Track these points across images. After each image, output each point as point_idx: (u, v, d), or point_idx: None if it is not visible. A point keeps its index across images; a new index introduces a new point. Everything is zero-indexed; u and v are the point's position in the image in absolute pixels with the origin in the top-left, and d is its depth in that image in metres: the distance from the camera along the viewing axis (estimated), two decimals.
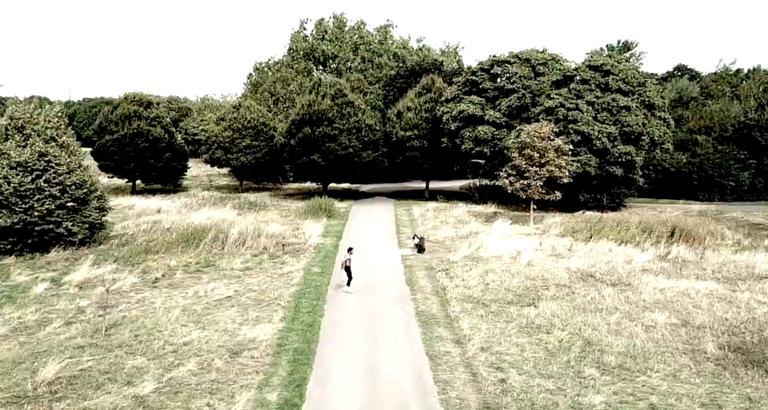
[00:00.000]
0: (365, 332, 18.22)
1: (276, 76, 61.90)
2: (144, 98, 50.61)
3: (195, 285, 23.26)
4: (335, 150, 44.98)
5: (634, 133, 36.65)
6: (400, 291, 22.61)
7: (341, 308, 20.70)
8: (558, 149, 33.56)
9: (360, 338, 17.71)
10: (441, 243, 31.33)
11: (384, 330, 18.31)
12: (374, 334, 17.99)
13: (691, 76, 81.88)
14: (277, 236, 31.62)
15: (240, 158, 50.89)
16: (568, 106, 36.50)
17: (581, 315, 18.93)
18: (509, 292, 21.75)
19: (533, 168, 33.47)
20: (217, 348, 16.75)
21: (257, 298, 21.67)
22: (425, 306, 20.73)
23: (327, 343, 17.29)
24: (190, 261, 26.91)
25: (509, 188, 34.55)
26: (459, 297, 21.23)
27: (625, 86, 37.57)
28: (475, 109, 40.94)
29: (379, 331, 18.26)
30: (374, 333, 18.13)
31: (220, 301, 21.30)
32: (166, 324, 18.57)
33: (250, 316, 19.57)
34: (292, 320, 19.34)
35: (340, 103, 45.84)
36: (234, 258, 27.47)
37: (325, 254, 29.08)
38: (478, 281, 23.05)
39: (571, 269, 24.22)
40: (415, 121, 45.89)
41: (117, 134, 47.94)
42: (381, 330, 18.32)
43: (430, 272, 25.49)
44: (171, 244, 28.97)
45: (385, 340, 17.47)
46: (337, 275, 24.85)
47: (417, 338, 17.65)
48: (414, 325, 18.78)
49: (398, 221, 38.57)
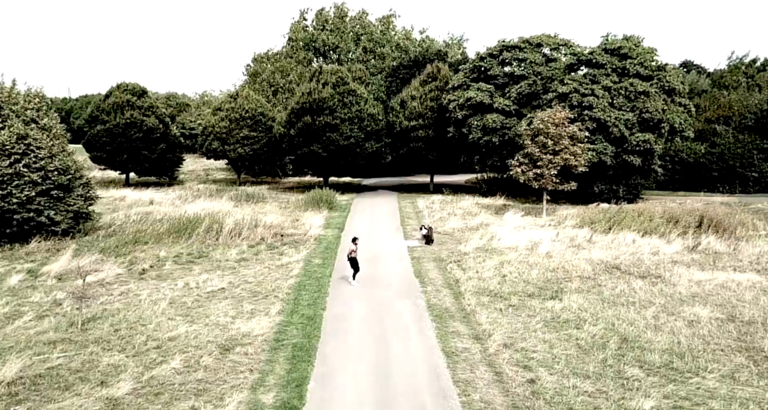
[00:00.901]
0: (373, 326, 16.36)
1: (275, 66, 59.94)
2: (137, 87, 48.67)
3: (185, 277, 21.43)
4: (336, 140, 43.10)
5: (653, 120, 34.73)
6: (409, 284, 20.77)
7: (345, 301, 18.85)
8: (573, 136, 31.68)
9: (367, 333, 15.85)
10: (450, 235, 29.48)
11: (393, 325, 16.45)
12: (383, 329, 16.13)
13: (698, 71, 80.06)
14: (275, 226, 29.76)
15: (237, 149, 48.96)
16: (583, 91, 34.62)
17: (612, 309, 17.07)
18: (529, 284, 19.91)
19: (547, 156, 31.59)
20: (206, 343, 14.90)
21: (253, 290, 19.84)
22: (437, 299, 18.88)
23: (330, 338, 15.43)
24: (181, 252, 25.07)
25: (521, 177, 32.68)
26: (474, 290, 19.39)
27: (644, 71, 35.67)
28: (483, 96, 39.04)
29: (388, 326, 16.40)
30: (383, 327, 16.27)
31: (213, 293, 19.47)
32: (150, 318, 16.71)
33: (244, 309, 17.74)
34: (291, 313, 17.50)
35: (341, 91, 43.96)
36: (229, 249, 25.64)
37: (327, 245, 27.23)
38: (494, 273, 21.21)
39: (594, 261, 22.36)
40: (419, 110, 43.99)
41: (109, 123, 46.00)
42: (390, 325, 16.46)
43: (440, 263, 23.64)
44: (161, 235, 27.13)
45: (395, 335, 15.61)
46: (339, 267, 23.02)
47: (430, 333, 15.79)
48: (426, 319, 16.93)
49: (403, 213, 36.71)
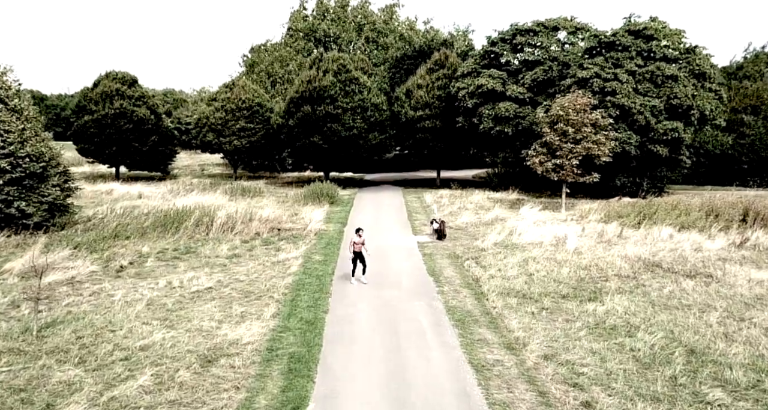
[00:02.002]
0: (384, 333, 13.84)
1: (274, 55, 57.32)
2: (127, 76, 46.08)
3: (168, 275, 18.93)
4: (338, 131, 40.56)
5: (682, 106, 32.16)
6: (422, 283, 18.26)
7: (350, 302, 16.33)
8: (596, 123, 29.15)
9: (377, 340, 13.34)
10: (463, 230, 26.97)
11: (408, 331, 13.93)
12: (396, 336, 13.62)
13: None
14: (272, 220, 27.24)
15: (233, 141, 46.39)
16: (604, 76, 32.07)
17: (665, 313, 14.55)
18: (561, 284, 17.40)
19: (567, 145, 29.06)
20: (185, 353, 12.38)
21: (245, 290, 17.34)
22: (457, 301, 16.36)
23: (333, 347, 12.92)
24: (166, 248, 22.55)
25: (538, 168, 30.15)
26: (498, 290, 16.87)
27: (672, 53, 33.14)
28: (495, 83, 36.50)
29: (402, 332, 13.88)
30: (395, 333, 13.75)
31: (198, 293, 16.96)
32: (122, 322, 14.19)
33: (233, 312, 15.23)
34: (287, 316, 14.99)
35: (343, 79, 41.41)
36: (220, 244, 23.13)
37: (328, 241, 24.72)
38: (519, 271, 18.70)
39: (630, 258, 19.84)
40: (426, 99, 41.43)
41: (97, 113, 43.39)
42: (404, 331, 13.94)
43: (455, 260, 21.12)
44: (146, 229, 24.58)
45: (411, 344, 13.09)
46: (343, 264, 20.51)
47: (453, 341, 13.28)
48: (446, 324, 14.41)
49: (409, 208, 34.20)
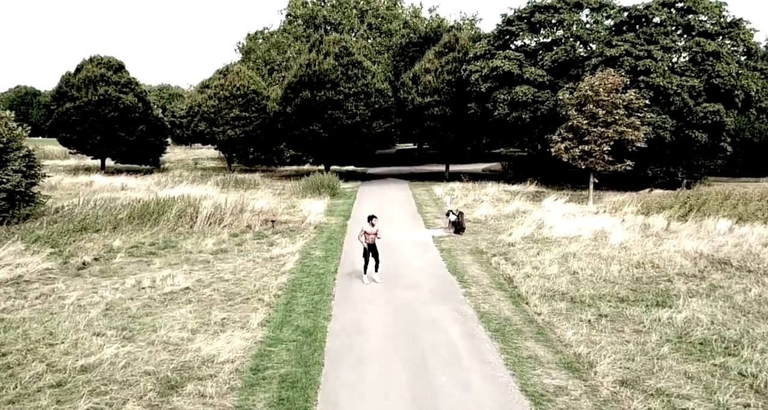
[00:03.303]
0: (403, 347, 10.73)
1: (271, 41, 54.08)
2: (113, 61, 42.89)
3: (140, 273, 15.84)
4: (339, 119, 37.41)
5: (725, 86, 28.94)
6: (444, 282, 15.15)
7: (358, 306, 13.22)
8: (629, 104, 26.01)
9: (396, 358, 10.23)
10: (482, 223, 23.86)
11: (434, 344, 10.82)
12: (419, 351, 10.50)
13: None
14: (266, 212, 24.12)
15: (227, 131, 43.18)
16: (636, 54, 28.90)
17: (764, 323, 11.41)
18: (614, 285, 14.29)
19: (597, 129, 25.93)
20: (140, 376, 9.26)
21: (229, 291, 14.25)
22: (489, 305, 13.25)
23: (338, 367, 9.83)
24: (142, 242, 19.44)
25: (564, 156, 27.01)
26: (539, 292, 13.77)
27: (713, 28, 29.97)
28: (511, 65, 33.36)
29: (427, 346, 10.76)
30: (419, 348, 10.64)
31: (171, 295, 13.87)
32: (66, 333, 11.07)
33: (212, 318, 12.14)
34: (279, 325, 11.90)
35: (345, 63, 38.26)
36: (204, 238, 20.02)
37: (330, 235, 21.62)
38: (560, 270, 15.59)
39: (689, 254, 16.71)
40: (434, 84, 38.25)
41: (79, 100, 40.18)
42: (429, 344, 10.82)
43: (479, 256, 18.01)
44: (120, 221, 21.44)
45: (440, 363, 9.99)
46: (348, 261, 17.44)
47: (495, 359, 10.16)
48: (482, 336, 11.30)
49: (418, 200, 31.08)
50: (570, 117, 26.74)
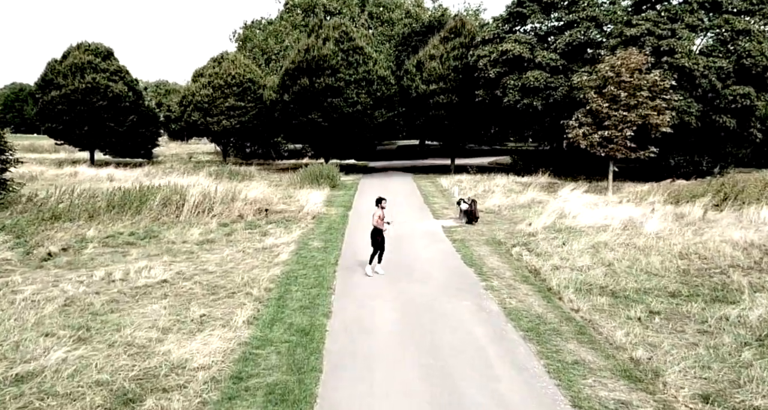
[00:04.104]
0: (419, 349, 8.79)
1: (268, 30, 52.05)
2: (102, 48, 40.85)
3: (112, 264, 13.90)
4: (340, 107, 35.43)
5: (757, 67, 26.89)
6: (460, 275, 13.21)
7: (362, 301, 11.29)
8: (653, 86, 24.04)
9: (410, 363, 8.29)
10: (495, 213, 21.92)
11: (457, 347, 8.88)
12: (438, 355, 8.56)
13: None
14: (259, 201, 22.16)
15: (222, 121, 41.17)
16: (659, 33, 26.94)
17: None
18: (660, 277, 12.36)
19: (619, 113, 23.96)
20: (88, 387, 7.32)
21: (213, 284, 12.32)
22: (516, 300, 11.30)
23: (340, 375, 7.91)
24: (120, 231, 17.48)
25: (582, 142, 25.05)
26: (573, 286, 11.82)
27: (743, 4, 27.99)
28: (522, 49, 31.40)
29: (448, 348, 8.83)
30: (437, 351, 8.70)
31: (146, 289, 11.92)
32: (8, 333, 9.11)
33: (190, 315, 10.21)
34: (269, 322, 9.98)
35: (346, 48, 36.29)
36: (191, 228, 18.08)
37: (330, 225, 19.67)
38: (592, 261, 13.65)
39: (738, 244, 14.76)
40: (440, 71, 36.26)
41: (65, 88, 38.17)
42: (450, 346, 8.89)
43: (497, 247, 16.06)
44: (98, 210, 19.47)
45: (466, 370, 8.05)
46: (349, 252, 15.53)
47: (534, 366, 8.21)
48: (513, 336, 9.36)
49: (424, 192, 29.13)
50: (589, 100, 24.77)
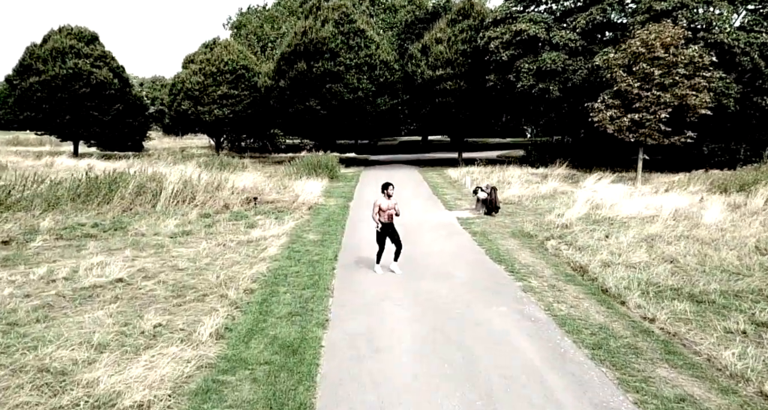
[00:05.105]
0: (451, 379, 6.25)
1: (264, 15, 49.41)
2: (85, 32, 38.26)
3: (62, 260, 11.37)
4: (340, 93, 32.88)
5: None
6: (488, 272, 10.67)
7: (370, 306, 8.76)
8: (690, 62, 21.49)
9: (441, 402, 5.72)
10: (516, 204, 19.37)
11: (505, 375, 6.33)
12: (479, 386, 6.00)
13: None
14: (249, 190, 19.62)
15: (214, 110, 38.57)
16: (693, 5, 24.46)
17: None
18: (746, 278, 9.83)
19: (651, 93, 21.42)
20: None
21: (181, 283, 9.81)
22: (567, 306, 8.78)
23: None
24: (83, 223, 14.93)
25: (609, 127, 22.51)
26: (633, 286, 9.29)
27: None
28: (538, 29, 28.88)
29: (490, 375, 6.26)
30: (476, 380, 6.15)
31: (93, 290, 9.42)
32: None
33: (141, 325, 7.68)
34: (246, 335, 7.48)
35: (346, 31, 33.76)
36: (167, 218, 15.52)
37: (328, 216, 17.13)
38: (650, 256, 11.10)
39: None
40: (447, 55, 33.71)
41: (45, 74, 35.56)
42: (493, 373, 6.32)
43: (527, 240, 13.52)
44: (60, 198, 16.91)
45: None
46: (351, 245, 13.01)
47: (621, 404, 5.64)
48: (576, 356, 6.83)
49: (431, 183, 26.60)
50: (617, 80, 22.22)
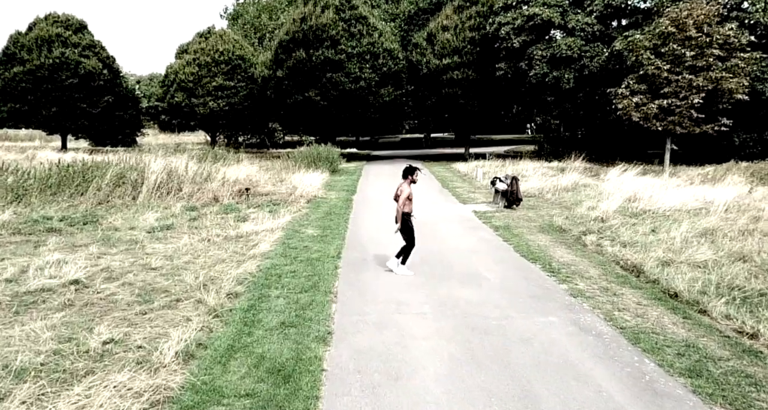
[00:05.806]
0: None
1: (261, 4, 47.58)
2: (73, 20, 36.40)
3: (11, 258, 9.56)
4: (341, 83, 31.06)
5: None
6: (522, 273, 8.87)
7: (382, 316, 6.91)
8: (726, 43, 19.68)
9: None
10: (537, 197, 17.56)
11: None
12: None
13: None
14: (241, 182, 17.79)
15: (208, 102, 36.70)
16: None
17: None
18: None
19: (683, 77, 19.60)
20: None
21: (151, 285, 8.03)
22: (631, 314, 6.96)
23: None
24: (49, 216, 13.10)
25: (634, 114, 20.70)
26: (710, 290, 7.45)
27: None
28: (552, 13, 27.12)
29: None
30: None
31: (39, 295, 7.60)
32: None
33: (87, 342, 5.78)
34: (224, 355, 5.60)
35: (347, 17, 31.94)
36: (147, 211, 13.70)
37: (329, 209, 15.31)
38: (718, 254, 9.27)
39: None
40: (454, 44, 31.89)
41: (30, 64, 33.67)
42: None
43: (559, 236, 11.71)
44: (29, 188, 15.08)
45: None
46: (355, 241, 11.19)
47: None
48: (666, 385, 4.98)
49: (440, 177, 24.80)
50: (643, 64, 20.38)
